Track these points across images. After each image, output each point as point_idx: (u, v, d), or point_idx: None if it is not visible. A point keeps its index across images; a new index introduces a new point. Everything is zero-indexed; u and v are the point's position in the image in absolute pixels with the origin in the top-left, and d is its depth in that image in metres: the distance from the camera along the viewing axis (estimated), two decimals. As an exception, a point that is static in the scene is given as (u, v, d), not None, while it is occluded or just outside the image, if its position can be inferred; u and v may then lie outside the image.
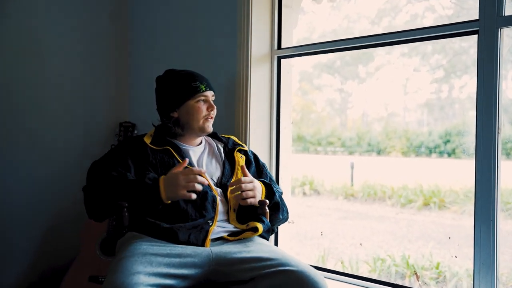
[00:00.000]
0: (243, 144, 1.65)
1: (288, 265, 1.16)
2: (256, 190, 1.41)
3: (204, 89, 1.49)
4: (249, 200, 1.38)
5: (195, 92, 1.47)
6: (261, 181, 1.49)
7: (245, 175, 1.44)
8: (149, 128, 1.62)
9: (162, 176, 1.28)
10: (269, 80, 2.02)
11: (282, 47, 2.01)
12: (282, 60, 2.02)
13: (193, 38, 2.17)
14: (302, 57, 1.98)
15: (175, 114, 1.49)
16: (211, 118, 1.51)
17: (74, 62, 2.27)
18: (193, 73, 1.53)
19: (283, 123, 2.03)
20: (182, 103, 1.47)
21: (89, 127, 2.33)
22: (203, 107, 1.49)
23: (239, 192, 1.38)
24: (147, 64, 2.39)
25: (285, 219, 1.54)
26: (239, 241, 1.34)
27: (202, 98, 1.49)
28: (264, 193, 1.45)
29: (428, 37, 1.61)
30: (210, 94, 1.52)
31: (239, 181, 1.39)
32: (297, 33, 2.16)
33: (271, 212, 1.47)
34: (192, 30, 2.17)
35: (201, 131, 1.50)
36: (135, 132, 2.32)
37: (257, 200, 1.41)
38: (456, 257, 3.06)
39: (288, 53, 1.98)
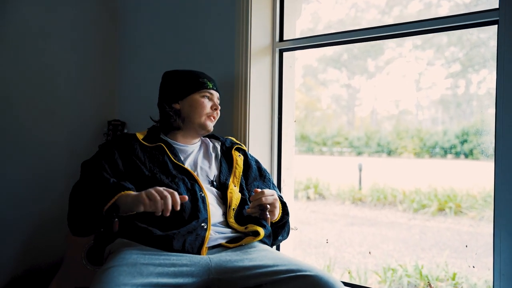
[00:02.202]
0: (242, 144, 1.66)
1: (301, 270, 1.16)
2: (276, 202, 1.43)
3: (211, 86, 1.55)
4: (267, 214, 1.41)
5: (201, 86, 1.53)
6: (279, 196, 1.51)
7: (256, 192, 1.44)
8: (139, 127, 1.62)
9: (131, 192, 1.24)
10: (270, 75, 2.01)
11: (284, 39, 2.01)
12: (284, 53, 2.01)
13: (187, 30, 2.16)
14: (306, 50, 1.98)
15: (177, 106, 1.53)
16: (214, 118, 1.55)
17: (60, 57, 2.27)
18: (202, 72, 1.60)
19: (286, 121, 2.03)
20: (187, 95, 1.52)
21: (76, 125, 2.32)
22: (207, 104, 1.53)
23: (260, 204, 1.39)
24: (137, 59, 2.38)
25: (284, 239, 1.57)
26: (239, 248, 1.34)
27: (208, 94, 1.54)
28: (280, 212, 1.47)
29: (443, 28, 1.60)
30: (216, 94, 1.57)
31: (262, 193, 1.40)
32: (301, 24, 2.16)
33: (275, 230, 1.50)
34: (186, 22, 2.17)
35: (201, 128, 1.53)
36: (125, 131, 2.32)
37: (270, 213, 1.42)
38: (474, 267, 3.06)
39: (291, 46, 1.98)
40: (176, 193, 1.19)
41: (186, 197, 1.22)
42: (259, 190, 1.41)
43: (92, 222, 1.28)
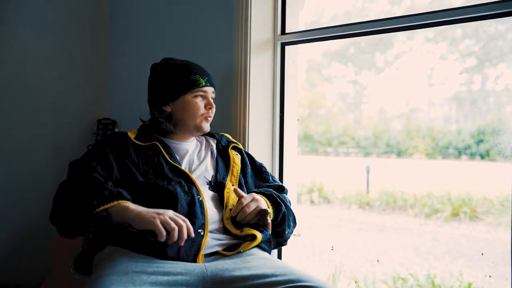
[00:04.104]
0: (238, 142, 1.67)
1: (301, 281, 1.17)
2: (260, 204, 1.42)
3: (204, 83, 1.51)
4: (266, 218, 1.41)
5: (193, 85, 1.49)
6: (259, 192, 1.49)
7: (240, 196, 1.42)
8: (131, 125, 1.62)
9: (137, 207, 1.25)
10: (272, 70, 2.01)
11: (287, 32, 2.01)
12: (287, 47, 2.01)
13: (182, 22, 2.16)
14: (310, 43, 1.97)
15: (168, 109, 1.51)
16: (209, 117, 1.53)
17: (47, 52, 2.27)
18: (193, 65, 1.55)
19: (288, 120, 2.03)
20: (177, 96, 1.50)
21: (63, 124, 2.32)
22: (201, 104, 1.51)
23: (246, 216, 1.38)
24: (130, 54, 2.38)
25: (293, 228, 1.55)
26: (237, 255, 1.35)
27: (201, 93, 1.51)
28: (270, 206, 1.45)
29: (458, 20, 1.59)
30: (210, 90, 1.54)
31: (240, 204, 1.39)
32: (304, 16, 2.16)
33: (277, 229, 1.48)
34: (182, 14, 2.17)
35: (197, 130, 1.52)
36: (116, 130, 2.32)
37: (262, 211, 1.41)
38: (490, 276, 3.05)
39: (294, 39, 1.98)
40: (188, 221, 1.23)
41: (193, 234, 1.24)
42: (242, 196, 1.39)
43: (81, 225, 1.30)
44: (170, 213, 1.23)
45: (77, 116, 2.37)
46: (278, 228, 1.49)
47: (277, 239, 1.49)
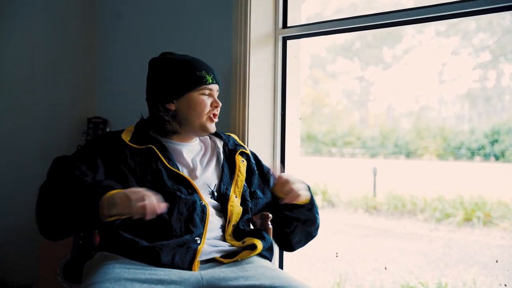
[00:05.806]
0: (245, 146, 1.65)
1: None
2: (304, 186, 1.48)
3: (210, 81, 1.51)
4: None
5: (199, 82, 1.48)
6: None
7: (280, 177, 1.45)
8: (123, 125, 1.61)
9: (117, 190, 1.24)
10: (273, 66, 2.01)
11: (289, 25, 2.01)
12: (289, 42, 2.02)
13: (178, 15, 2.16)
14: (313, 37, 1.98)
15: (172, 106, 1.50)
16: (215, 116, 1.53)
17: (33, 47, 2.26)
18: (198, 60, 1.55)
19: (290, 119, 2.03)
20: (183, 93, 1.48)
21: (50, 124, 2.32)
22: (207, 102, 1.50)
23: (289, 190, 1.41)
24: (122, 48, 2.38)
25: (311, 237, 1.57)
26: (235, 263, 1.35)
27: (207, 91, 1.51)
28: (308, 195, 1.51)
29: (471, 12, 1.60)
30: (215, 88, 1.54)
31: (288, 183, 1.42)
32: (307, 8, 2.16)
33: (304, 227, 1.51)
34: (177, 6, 2.17)
35: (202, 130, 1.51)
36: (107, 129, 2.32)
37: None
38: (505, 285, 3.05)
39: (296, 33, 1.98)
40: (154, 197, 1.21)
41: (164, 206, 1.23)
42: (281, 176, 1.42)
43: (69, 227, 1.31)
44: (135, 188, 1.24)
45: (65, 115, 2.37)
46: (305, 220, 1.50)
47: (289, 236, 1.49)
